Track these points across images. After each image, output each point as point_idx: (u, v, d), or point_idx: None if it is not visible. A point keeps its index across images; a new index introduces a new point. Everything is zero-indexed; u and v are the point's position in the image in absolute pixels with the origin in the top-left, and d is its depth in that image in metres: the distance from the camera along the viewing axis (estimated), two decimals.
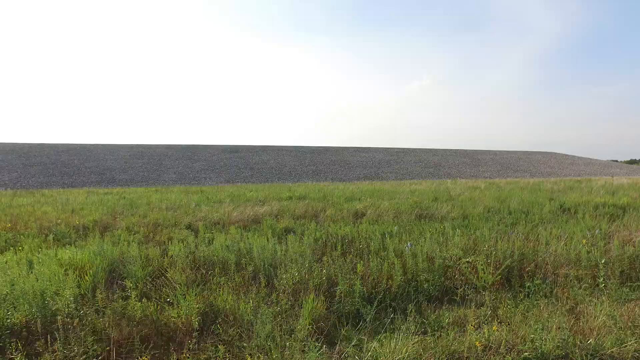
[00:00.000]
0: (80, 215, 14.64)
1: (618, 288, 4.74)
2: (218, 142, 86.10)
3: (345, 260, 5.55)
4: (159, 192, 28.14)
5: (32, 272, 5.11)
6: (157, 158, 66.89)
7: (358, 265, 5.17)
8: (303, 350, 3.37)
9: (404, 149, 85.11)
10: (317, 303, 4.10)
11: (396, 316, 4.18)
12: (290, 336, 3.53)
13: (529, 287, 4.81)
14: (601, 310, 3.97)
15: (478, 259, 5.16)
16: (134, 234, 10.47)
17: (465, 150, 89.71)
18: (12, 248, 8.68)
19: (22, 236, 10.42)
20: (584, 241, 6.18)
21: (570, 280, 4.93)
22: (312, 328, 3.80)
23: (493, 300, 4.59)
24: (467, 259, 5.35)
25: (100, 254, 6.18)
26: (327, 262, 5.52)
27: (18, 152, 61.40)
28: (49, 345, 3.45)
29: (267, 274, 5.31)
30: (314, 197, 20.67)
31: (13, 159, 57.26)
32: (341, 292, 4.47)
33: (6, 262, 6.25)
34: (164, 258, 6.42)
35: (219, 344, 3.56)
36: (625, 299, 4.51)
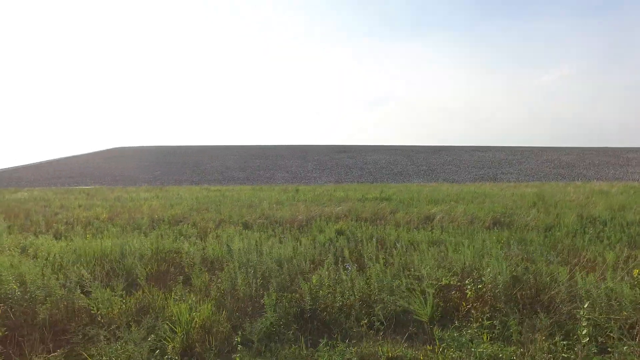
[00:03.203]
0: (174, 209, 16.31)
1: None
2: (331, 143, 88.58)
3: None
4: (261, 191, 29.90)
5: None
6: (272, 158, 71.52)
7: (314, 277, 4.63)
8: None
9: (530, 147, 76.55)
10: (188, 317, 3.74)
11: (300, 343, 3.58)
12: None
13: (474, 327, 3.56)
14: None
15: (463, 283, 4.12)
16: (196, 229, 11.25)
17: (611, 148, 76.86)
18: (89, 236, 10.03)
19: (110, 226, 11.97)
20: (636, 272, 4.49)
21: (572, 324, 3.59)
22: (188, 344, 3.50)
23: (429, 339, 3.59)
24: (441, 282, 4.32)
25: (120, 246, 6.77)
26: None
27: (162, 153, 71.57)
28: None
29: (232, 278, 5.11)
30: (398, 198, 19.75)
31: (158, 159, 66.93)
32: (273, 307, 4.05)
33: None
34: (177, 254, 6.72)
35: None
36: None
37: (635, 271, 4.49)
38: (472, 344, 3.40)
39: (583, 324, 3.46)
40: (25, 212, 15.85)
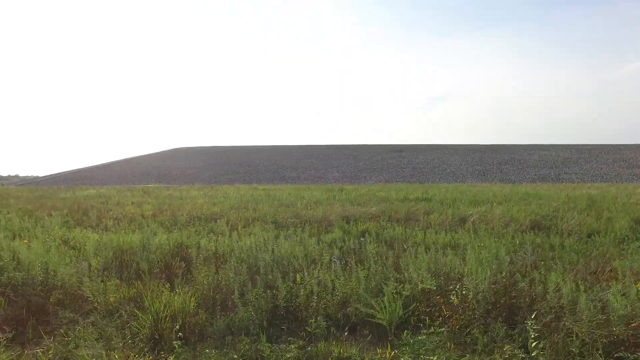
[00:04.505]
0: (216, 207, 17.01)
1: None
2: (383, 142, 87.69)
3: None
4: (306, 190, 30.26)
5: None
6: (324, 158, 72.01)
7: (298, 275, 4.64)
8: None
9: (599, 145, 70.63)
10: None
11: (260, 338, 3.59)
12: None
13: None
14: None
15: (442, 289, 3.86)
16: (227, 226, 11.68)
17: None
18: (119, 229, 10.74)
19: (151, 222, 12.74)
20: None
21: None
22: (157, 332, 3.67)
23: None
24: (418, 287, 4.08)
25: (140, 240, 7.26)
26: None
27: (218, 153, 74.65)
28: None
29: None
30: (440, 198, 19.19)
31: (214, 159, 69.93)
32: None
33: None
34: (190, 249, 7.10)
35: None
36: None
37: None
38: (423, 350, 3.26)
39: (532, 336, 3.18)
40: (84, 208, 17.29)
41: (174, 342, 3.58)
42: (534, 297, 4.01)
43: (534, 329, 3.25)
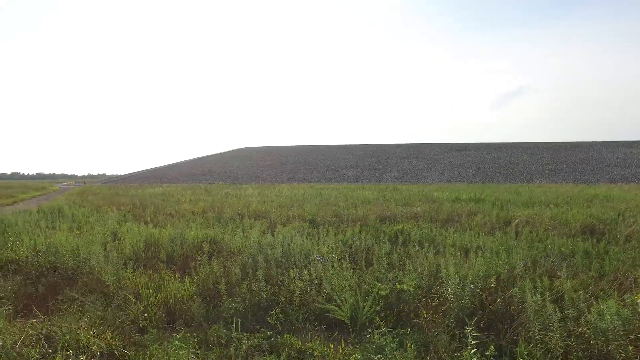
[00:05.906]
0: (265, 205, 17.60)
1: None
2: (447, 141, 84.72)
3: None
4: (360, 190, 30.18)
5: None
6: (384, 157, 71.16)
7: (291, 271, 4.70)
8: None
9: None
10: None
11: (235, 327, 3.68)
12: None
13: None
14: None
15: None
16: (267, 223, 12.07)
17: None
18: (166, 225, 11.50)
19: (199, 218, 13.50)
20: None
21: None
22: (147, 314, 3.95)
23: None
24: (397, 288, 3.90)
25: (171, 235, 7.81)
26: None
27: (279, 153, 76.69)
28: None
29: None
30: (493, 200, 18.25)
31: (275, 159, 71.96)
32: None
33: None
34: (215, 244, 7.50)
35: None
36: None
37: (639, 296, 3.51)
38: (373, 349, 3.18)
39: (471, 343, 2.95)
40: (145, 204, 18.71)
41: (140, 322, 3.94)
42: (523, 305, 3.75)
43: (472, 335, 3.07)
